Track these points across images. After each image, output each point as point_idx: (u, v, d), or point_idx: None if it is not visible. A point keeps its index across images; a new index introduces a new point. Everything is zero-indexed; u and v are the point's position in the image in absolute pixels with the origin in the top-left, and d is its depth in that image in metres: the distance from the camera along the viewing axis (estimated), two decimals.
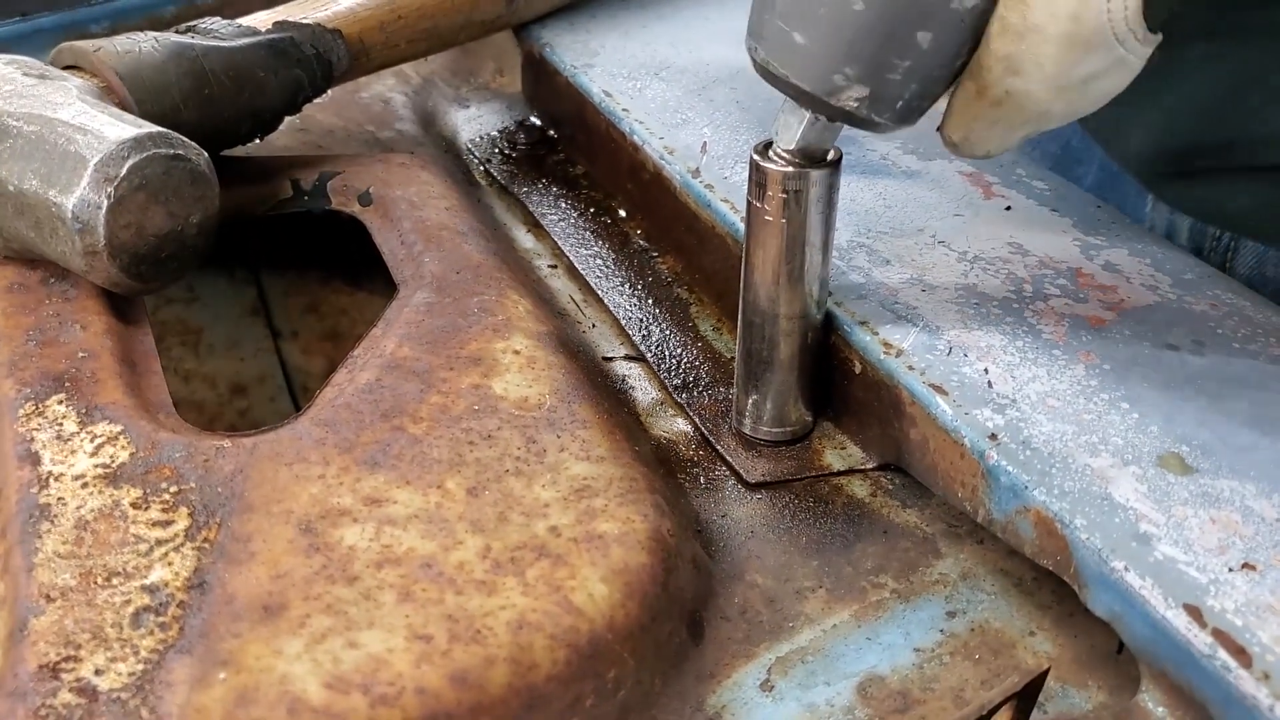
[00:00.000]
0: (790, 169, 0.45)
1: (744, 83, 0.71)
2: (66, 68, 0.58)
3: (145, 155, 0.49)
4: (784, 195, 0.46)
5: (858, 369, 0.51)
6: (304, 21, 0.64)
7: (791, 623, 0.44)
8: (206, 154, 0.53)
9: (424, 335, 0.51)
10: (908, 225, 0.58)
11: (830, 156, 0.46)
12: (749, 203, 0.47)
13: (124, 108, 0.56)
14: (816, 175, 0.45)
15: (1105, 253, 0.55)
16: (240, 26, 0.63)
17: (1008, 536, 0.45)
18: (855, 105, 0.42)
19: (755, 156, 0.46)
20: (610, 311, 0.62)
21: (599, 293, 0.63)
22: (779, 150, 0.46)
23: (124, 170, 0.48)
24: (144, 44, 0.58)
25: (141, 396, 0.48)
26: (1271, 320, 0.51)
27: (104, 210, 0.48)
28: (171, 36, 0.60)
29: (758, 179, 0.46)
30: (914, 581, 0.46)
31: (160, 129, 0.51)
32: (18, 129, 0.50)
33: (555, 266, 0.66)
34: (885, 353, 0.50)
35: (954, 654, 0.43)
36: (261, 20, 0.64)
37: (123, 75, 0.56)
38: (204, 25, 0.62)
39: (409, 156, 0.67)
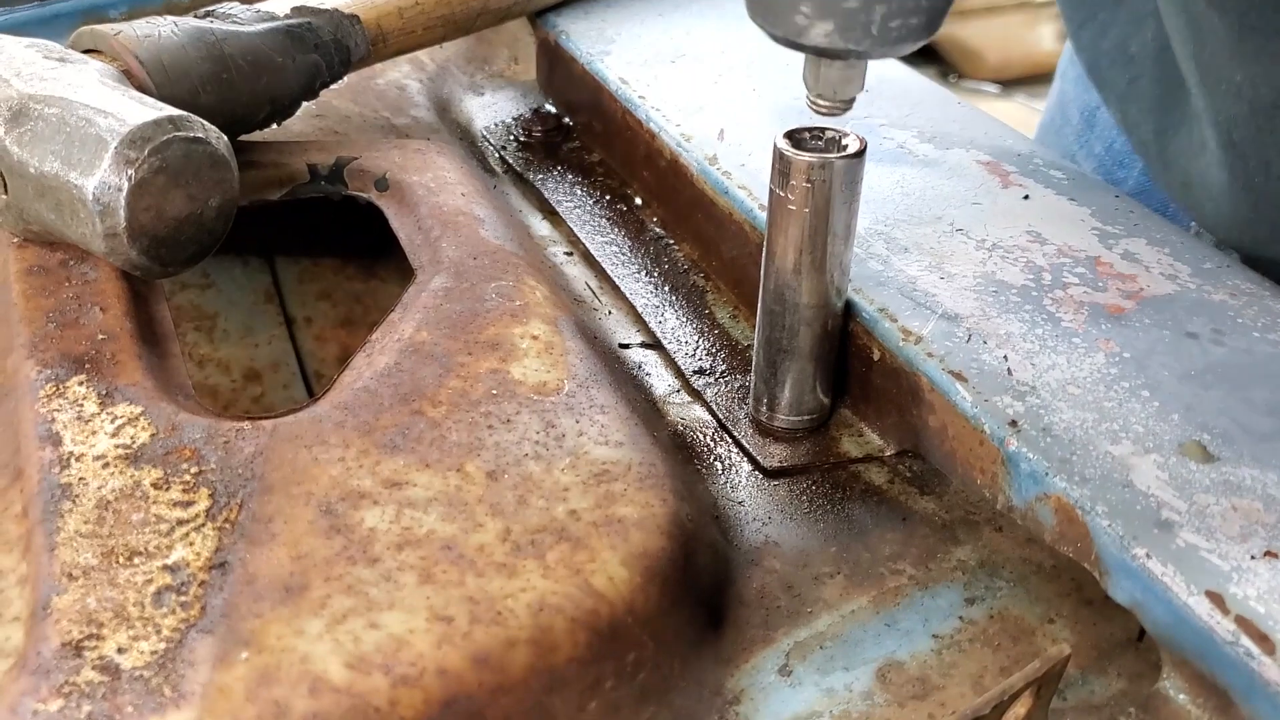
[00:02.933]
0: (814, 158, 0.45)
1: (761, 70, 0.71)
2: (86, 51, 0.58)
3: (166, 138, 0.49)
4: (808, 184, 0.45)
5: (876, 356, 0.51)
6: (322, 7, 0.64)
7: (810, 608, 0.44)
8: (226, 138, 0.53)
9: (442, 320, 0.51)
10: (926, 213, 0.58)
11: (854, 146, 0.45)
12: (771, 190, 0.47)
13: (143, 91, 0.56)
14: (840, 164, 0.45)
15: (1124, 242, 0.55)
16: (259, 12, 0.63)
17: (1027, 523, 0.45)
18: (826, 40, 0.41)
19: (779, 144, 0.46)
20: (626, 298, 0.62)
21: (615, 280, 0.63)
22: (812, 99, 0.45)
23: (145, 153, 0.48)
24: (163, 28, 0.58)
25: (161, 378, 0.48)
26: None
27: (124, 192, 0.48)
28: (191, 21, 0.60)
29: (781, 167, 0.46)
30: (932, 568, 0.46)
31: (180, 112, 0.51)
32: (38, 111, 0.50)
33: (571, 254, 0.66)
34: (904, 340, 0.49)
35: (973, 641, 0.43)
36: (280, 5, 0.64)
37: (142, 59, 0.56)
38: (223, 10, 0.62)
39: (425, 142, 0.67)
